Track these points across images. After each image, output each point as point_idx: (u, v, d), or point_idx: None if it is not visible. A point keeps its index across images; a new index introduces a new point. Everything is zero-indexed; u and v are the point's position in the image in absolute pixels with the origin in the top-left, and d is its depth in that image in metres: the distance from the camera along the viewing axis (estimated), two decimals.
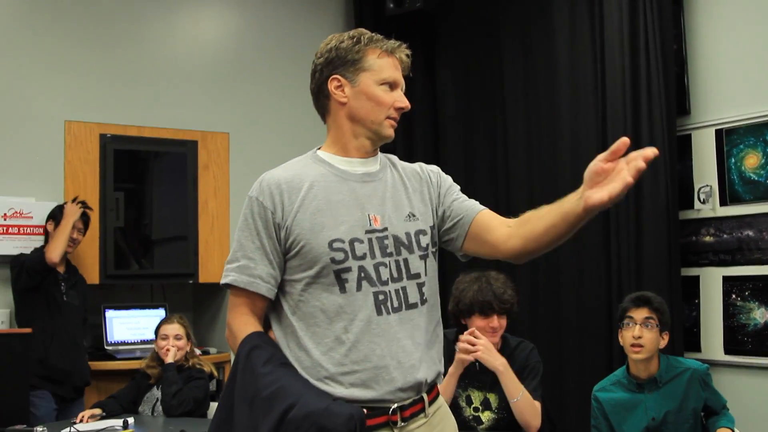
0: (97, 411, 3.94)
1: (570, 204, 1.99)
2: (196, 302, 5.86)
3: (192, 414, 4.00)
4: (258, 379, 1.98)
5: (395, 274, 2.10)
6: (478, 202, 2.27)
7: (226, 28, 5.86)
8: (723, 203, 4.45)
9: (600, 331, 4.66)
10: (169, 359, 4.12)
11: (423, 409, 2.13)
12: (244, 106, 5.77)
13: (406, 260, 2.13)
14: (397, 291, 2.10)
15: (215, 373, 4.39)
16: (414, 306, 2.12)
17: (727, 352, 4.37)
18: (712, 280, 4.47)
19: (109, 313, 5.25)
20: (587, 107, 4.91)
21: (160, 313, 5.18)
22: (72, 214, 4.68)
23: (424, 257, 2.16)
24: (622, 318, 3.35)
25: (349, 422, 1.87)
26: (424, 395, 2.13)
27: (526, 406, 3.25)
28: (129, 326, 5.27)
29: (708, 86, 4.57)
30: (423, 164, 2.33)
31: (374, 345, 2.05)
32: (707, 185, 4.51)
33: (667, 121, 4.52)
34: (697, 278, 4.54)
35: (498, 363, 3.25)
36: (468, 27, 5.71)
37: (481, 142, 5.62)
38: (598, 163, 1.91)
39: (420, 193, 2.23)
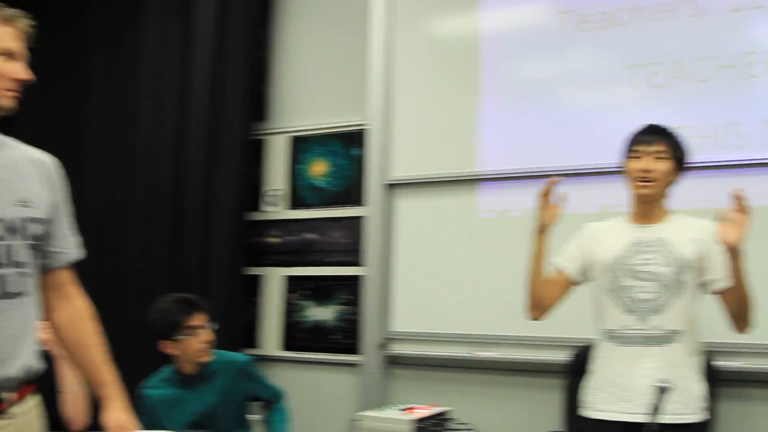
0: None
1: None
2: None
3: None
4: None
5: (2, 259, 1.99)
6: (75, 245, 2.26)
7: None
8: (290, 207, 4.67)
9: None
10: None
11: (4, 411, 1.99)
12: None
13: (10, 246, 2.00)
14: None
15: None
16: (12, 296, 2.00)
17: (285, 348, 4.57)
18: (274, 279, 4.65)
19: None
20: (170, 107, 4.81)
21: None
22: None
23: (32, 247, 2.07)
24: (178, 330, 3.20)
25: None
26: (7, 394, 1.99)
27: (78, 399, 3.12)
28: None
29: (286, 95, 4.74)
30: (51, 157, 2.22)
31: None
32: (277, 189, 4.71)
33: (244, 126, 4.63)
34: (260, 277, 4.70)
35: None
36: (53, 19, 5.32)
37: (56, 142, 5.22)
38: None
39: (41, 183, 2.12)
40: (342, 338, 4.40)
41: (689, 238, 2.67)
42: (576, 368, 3.40)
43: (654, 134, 2.72)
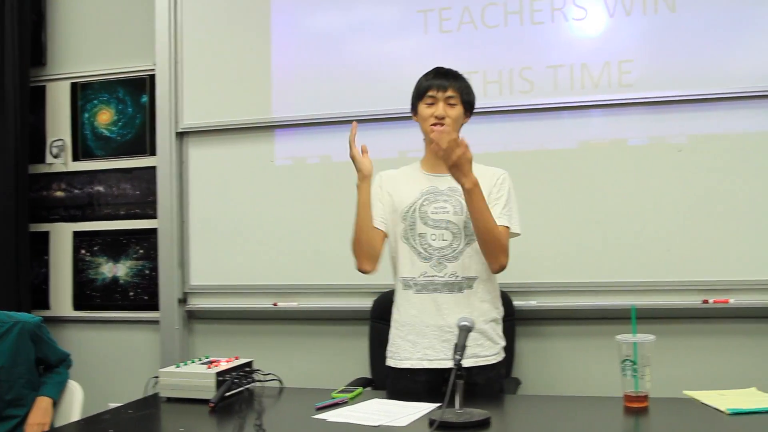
0: None
1: None
2: None
3: None
4: None
5: None
6: None
7: None
8: (75, 158, 4.41)
9: None
10: None
11: None
12: None
13: None
14: None
15: None
16: None
17: (76, 308, 4.36)
18: (62, 235, 4.41)
19: None
20: None
21: None
22: None
23: None
24: None
25: None
26: None
27: None
28: None
29: (66, 39, 4.46)
30: None
31: None
32: (60, 139, 4.42)
33: (20, 72, 4.31)
34: (47, 234, 4.43)
35: None
36: None
37: None
38: None
39: None
40: (139, 295, 4.24)
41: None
42: (378, 315, 3.45)
43: (446, 78, 2.74)
